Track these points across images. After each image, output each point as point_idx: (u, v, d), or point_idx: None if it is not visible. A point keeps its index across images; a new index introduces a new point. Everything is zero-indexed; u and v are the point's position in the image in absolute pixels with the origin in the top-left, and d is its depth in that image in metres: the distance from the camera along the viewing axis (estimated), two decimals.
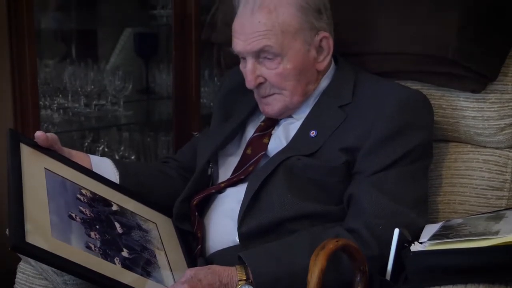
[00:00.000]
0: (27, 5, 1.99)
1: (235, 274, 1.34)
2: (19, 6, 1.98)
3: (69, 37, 2.61)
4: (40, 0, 2.29)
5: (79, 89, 2.39)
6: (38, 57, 2.15)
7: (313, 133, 1.53)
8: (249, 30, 1.50)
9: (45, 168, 1.42)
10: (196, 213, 1.58)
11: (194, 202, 1.59)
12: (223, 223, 1.53)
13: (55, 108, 2.38)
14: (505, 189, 1.59)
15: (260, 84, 1.54)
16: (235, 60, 1.63)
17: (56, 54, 2.51)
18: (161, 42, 2.74)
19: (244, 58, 1.56)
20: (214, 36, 2.03)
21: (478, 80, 1.57)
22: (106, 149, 2.51)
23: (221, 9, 1.99)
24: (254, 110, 1.65)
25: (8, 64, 2.02)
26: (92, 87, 2.41)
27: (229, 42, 1.59)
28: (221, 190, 1.58)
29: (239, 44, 1.53)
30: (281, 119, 1.61)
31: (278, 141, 1.57)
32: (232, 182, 1.57)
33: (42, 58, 2.38)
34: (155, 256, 1.43)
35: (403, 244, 1.35)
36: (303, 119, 1.57)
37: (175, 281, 1.37)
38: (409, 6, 1.64)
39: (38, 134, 1.47)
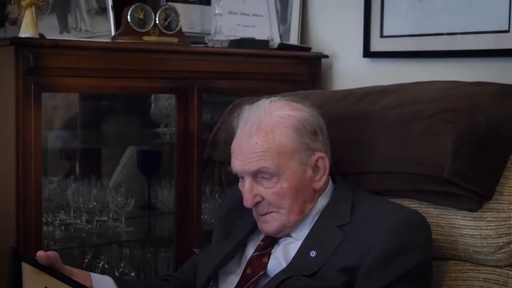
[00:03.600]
0: (35, 124, 2.06)
1: None
2: (27, 125, 2.05)
3: (73, 154, 2.66)
4: (46, 119, 2.36)
5: (82, 206, 2.41)
6: (43, 174, 2.19)
7: (313, 253, 1.53)
8: (246, 151, 1.55)
9: (45, 287, 1.42)
10: None
11: None
12: None
13: (57, 224, 2.39)
14: None
15: (258, 202, 1.58)
16: (236, 177, 1.67)
17: (60, 171, 2.55)
18: (163, 159, 2.79)
19: (242, 177, 1.60)
20: (215, 155, 2.08)
21: (475, 199, 1.60)
22: (106, 266, 2.49)
23: (223, 128, 2.06)
24: (254, 228, 1.67)
25: (13, 181, 2.05)
26: (95, 203, 2.43)
27: (230, 160, 1.63)
28: None
29: (237, 164, 1.58)
30: (280, 238, 1.63)
31: (277, 261, 1.57)
32: None
33: (47, 175, 2.42)
34: None
35: None
36: (302, 238, 1.58)
37: None
38: (404, 127, 1.70)
39: (40, 254, 1.48)
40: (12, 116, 2.04)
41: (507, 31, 2.22)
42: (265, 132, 1.54)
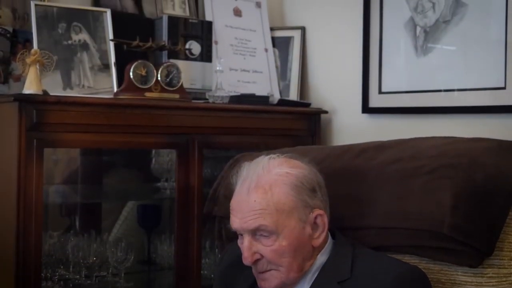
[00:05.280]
0: (36, 179, 2.07)
1: None
2: (29, 180, 2.06)
3: (74, 209, 2.66)
4: (48, 173, 2.37)
5: (81, 261, 2.40)
6: (43, 229, 2.19)
7: None
8: (245, 209, 1.56)
9: None
10: None
11: None
12: None
13: (56, 279, 2.37)
14: None
15: (257, 260, 1.57)
16: (236, 233, 1.67)
17: (60, 226, 2.55)
18: (164, 213, 2.79)
19: (241, 235, 1.60)
20: (216, 210, 2.08)
21: (475, 255, 1.59)
22: None
23: (223, 184, 2.06)
24: (254, 285, 1.66)
25: (14, 236, 2.06)
26: (94, 258, 2.42)
27: (230, 216, 1.64)
28: None
29: (236, 222, 1.58)
30: None
31: None
32: None
33: (47, 230, 2.42)
34: None
35: None
36: None
37: None
38: (403, 183, 1.71)
39: None
40: (14, 171, 2.06)
41: (504, 88, 2.25)
42: (263, 190, 1.55)
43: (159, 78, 2.41)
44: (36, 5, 2.32)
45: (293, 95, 2.88)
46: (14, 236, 2.05)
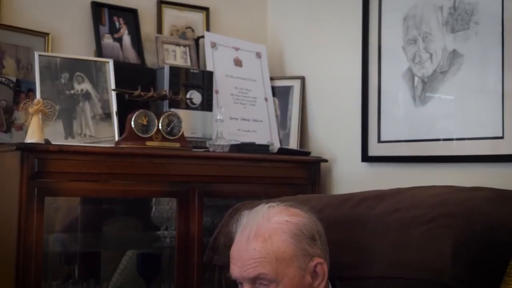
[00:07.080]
0: (36, 228, 2.07)
1: None
2: (29, 229, 2.06)
3: (73, 258, 2.65)
4: (48, 222, 2.36)
5: None
6: (43, 278, 2.18)
7: None
8: (245, 257, 1.56)
9: None
10: None
11: None
12: None
13: None
14: None
15: None
16: (237, 282, 1.66)
17: (60, 275, 2.53)
18: (163, 262, 2.77)
19: (241, 283, 1.59)
20: (216, 259, 2.08)
21: None
22: None
23: (223, 232, 2.06)
24: None
25: (13, 285, 2.04)
26: None
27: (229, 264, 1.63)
28: None
29: (235, 270, 1.58)
30: None
31: None
32: None
33: (47, 279, 2.40)
34: None
35: None
36: None
37: None
38: (403, 232, 1.71)
39: None
40: (15, 219, 2.06)
41: (501, 138, 2.27)
42: (263, 238, 1.55)
43: (160, 127, 2.43)
44: (39, 55, 2.36)
45: (293, 144, 2.90)
46: (13, 284, 2.04)
